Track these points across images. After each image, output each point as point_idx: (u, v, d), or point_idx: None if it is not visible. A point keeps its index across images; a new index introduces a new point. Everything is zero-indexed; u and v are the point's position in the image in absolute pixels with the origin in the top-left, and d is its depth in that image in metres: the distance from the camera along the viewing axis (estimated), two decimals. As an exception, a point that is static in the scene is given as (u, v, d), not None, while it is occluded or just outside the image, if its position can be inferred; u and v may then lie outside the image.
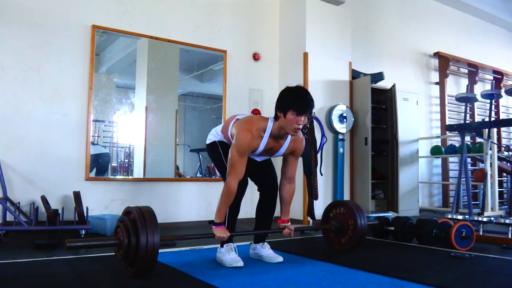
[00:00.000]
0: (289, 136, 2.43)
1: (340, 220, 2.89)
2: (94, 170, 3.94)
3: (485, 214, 4.30)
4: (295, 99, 2.26)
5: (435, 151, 6.14)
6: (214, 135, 2.62)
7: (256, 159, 2.56)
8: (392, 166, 5.06)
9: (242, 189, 2.47)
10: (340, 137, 4.73)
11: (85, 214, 3.30)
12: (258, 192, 2.70)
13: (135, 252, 2.02)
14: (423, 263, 2.62)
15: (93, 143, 3.89)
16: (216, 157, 2.60)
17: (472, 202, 4.41)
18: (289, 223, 2.63)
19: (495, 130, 4.76)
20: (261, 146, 2.37)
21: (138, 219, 2.04)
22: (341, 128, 4.72)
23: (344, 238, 2.88)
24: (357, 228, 2.79)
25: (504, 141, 7.53)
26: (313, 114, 4.13)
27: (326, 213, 3.05)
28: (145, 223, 2.03)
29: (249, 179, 2.60)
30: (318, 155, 4.05)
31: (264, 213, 2.68)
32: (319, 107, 4.66)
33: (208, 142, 2.65)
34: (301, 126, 2.27)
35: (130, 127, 4.23)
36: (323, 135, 4.07)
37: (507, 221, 3.35)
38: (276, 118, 2.33)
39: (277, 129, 2.34)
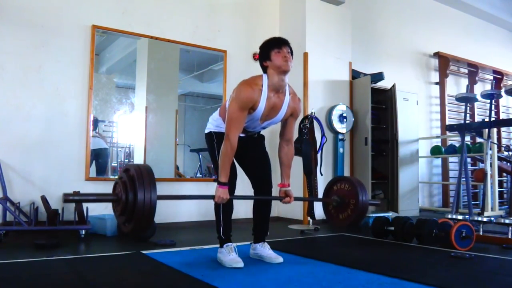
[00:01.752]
0: (287, 91, 2.47)
1: (342, 196, 2.88)
2: (94, 165, 3.93)
3: (485, 214, 4.30)
4: (269, 41, 2.46)
5: (435, 151, 6.14)
6: (211, 122, 2.61)
7: (258, 128, 2.55)
8: (392, 166, 5.06)
9: (233, 179, 2.48)
10: (340, 137, 4.73)
11: (85, 214, 3.30)
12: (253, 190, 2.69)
13: (132, 207, 2.02)
14: (423, 263, 2.62)
15: (93, 136, 3.89)
16: (210, 150, 2.60)
17: (472, 202, 4.41)
18: (290, 187, 2.62)
19: (495, 130, 4.77)
20: (262, 101, 2.36)
21: (136, 175, 2.03)
22: (341, 128, 4.71)
23: (343, 214, 2.88)
24: (358, 207, 2.78)
25: (504, 141, 7.53)
26: (313, 114, 4.14)
27: (330, 185, 3.02)
28: (142, 180, 2.02)
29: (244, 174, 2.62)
30: (318, 155, 4.05)
31: (261, 211, 2.66)
32: (319, 107, 4.66)
33: (206, 131, 2.65)
34: (288, 57, 2.39)
35: (130, 127, 4.23)
36: (323, 135, 4.08)
37: (507, 221, 3.35)
38: (265, 70, 2.43)
39: (272, 77, 2.39)
